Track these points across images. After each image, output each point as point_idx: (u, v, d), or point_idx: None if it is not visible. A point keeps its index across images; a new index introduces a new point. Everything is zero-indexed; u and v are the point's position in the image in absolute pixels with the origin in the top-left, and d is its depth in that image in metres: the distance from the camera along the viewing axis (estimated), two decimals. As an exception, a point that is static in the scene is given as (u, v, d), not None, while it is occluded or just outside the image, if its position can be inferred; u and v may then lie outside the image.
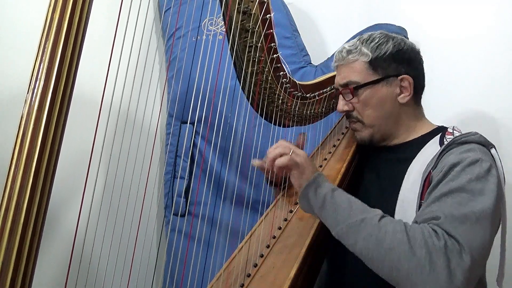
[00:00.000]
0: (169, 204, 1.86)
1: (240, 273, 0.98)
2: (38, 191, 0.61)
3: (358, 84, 1.09)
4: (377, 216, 0.86)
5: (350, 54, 1.11)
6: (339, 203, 0.91)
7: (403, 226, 0.84)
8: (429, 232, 0.81)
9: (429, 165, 0.97)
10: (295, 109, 1.20)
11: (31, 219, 0.61)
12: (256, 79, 1.05)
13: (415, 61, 1.12)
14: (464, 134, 0.99)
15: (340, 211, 0.90)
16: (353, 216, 0.87)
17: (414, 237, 0.81)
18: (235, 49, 0.99)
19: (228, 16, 0.95)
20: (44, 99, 0.60)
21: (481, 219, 0.81)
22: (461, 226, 0.80)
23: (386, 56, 1.08)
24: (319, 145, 1.35)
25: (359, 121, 1.13)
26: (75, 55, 0.61)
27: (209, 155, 1.80)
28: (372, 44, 1.09)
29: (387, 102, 1.10)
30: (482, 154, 0.92)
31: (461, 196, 0.85)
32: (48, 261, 1.46)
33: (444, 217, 0.82)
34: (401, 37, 1.13)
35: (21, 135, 0.60)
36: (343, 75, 1.13)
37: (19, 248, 0.60)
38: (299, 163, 0.98)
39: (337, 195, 0.93)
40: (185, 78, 1.76)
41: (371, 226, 0.85)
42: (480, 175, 0.87)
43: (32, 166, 0.60)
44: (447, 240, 0.79)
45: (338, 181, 1.12)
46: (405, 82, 1.09)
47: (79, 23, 0.61)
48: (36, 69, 0.60)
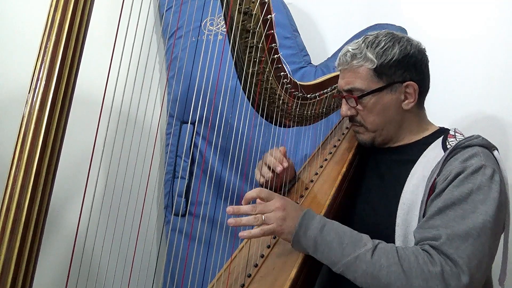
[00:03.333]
0: (169, 204, 1.85)
1: (241, 273, 0.98)
2: (39, 191, 0.61)
3: (362, 91, 1.08)
4: (369, 251, 0.86)
5: (354, 59, 1.08)
6: (330, 243, 0.89)
7: (397, 256, 0.85)
8: (423, 259, 0.83)
9: (434, 171, 0.97)
10: (295, 110, 1.20)
11: (32, 219, 0.61)
12: (257, 80, 1.05)
13: (421, 64, 1.09)
14: (467, 138, 1.00)
15: (333, 252, 0.88)
16: (346, 255, 0.87)
17: (409, 267, 0.82)
18: (236, 49, 0.99)
19: (229, 17, 0.95)
20: (45, 100, 0.60)
21: (483, 233, 0.84)
22: (463, 245, 0.82)
23: (392, 62, 1.06)
24: (320, 146, 1.35)
25: (362, 126, 1.13)
26: (76, 55, 0.62)
27: (209, 155, 1.80)
28: (378, 49, 1.06)
29: (391, 109, 1.09)
30: (485, 158, 0.93)
31: (463, 209, 0.87)
32: (49, 261, 1.47)
33: (446, 237, 0.84)
34: (407, 37, 1.10)
35: (22, 136, 0.60)
36: (347, 80, 1.10)
37: (20, 248, 0.60)
38: (275, 229, 0.92)
39: (326, 234, 0.90)
40: (186, 78, 1.76)
41: (365, 263, 0.85)
42: (482, 184, 0.89)
43: (33, 166, 0.60)
44: (443, 265, 0.81)
45: (338, 182, 1.12)
46: (410, 89, 1.07)
47: (81, 24, 0.61)
48: (37, 70, 0.60)
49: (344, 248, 0.87)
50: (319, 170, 1.22)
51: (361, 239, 0.89)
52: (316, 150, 1.32)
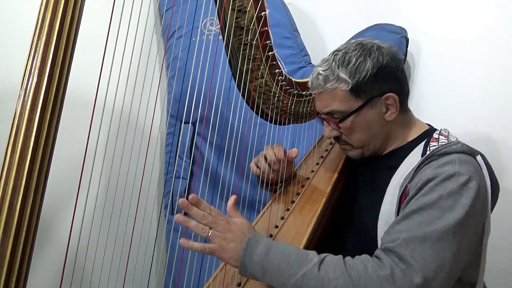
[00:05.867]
0: (169, 204, 1.85)
1: (237, 273, 0.97)
2: (32, 191, 0.61)
3: (342, 113, 1.04)
4: (315, 266, 0.83)
5: (328, 82, 1.03)
6: (277, 265, 0.85)
7: (344, 267, 0.82)
8: (372, 266, 0.81)
9: (406, 178, 0.95)
10: (291, 107, 1.19)
11: (25, 220, 0.61)
12: (251, 77, 1.05)
13: (397, 72, 1.05)
14: (445, 145, 0.97)
15: (280, 274, 0.84)
16: (293, 274, 0.83)
17: (358, 277, 0.80)
18: (230, 47, 0.99)
19: (222, 14, 0.95)
20: (37, 98, 0.60)
21: (444, 236, 0.81)
22: (419, 247, 0.80)
23: (367, 78, 1.01)
24: (316, 143, 1.34)
25: (348, 144, 1.10)
26: (67, 53, 0.61)
27: (210, 156, 1.80)
28: (350, 67, 1.01)
29: (374, 124, 1.05)
30: (461, 166, 0.90)
31: (429, 214, 0.84)
32: (43, 264, 1.46)
33: (403, 239, 0.82)
34: (377, 45, 1.05)
35: (13, 135, 0.60)
36: (325, 102, 1.06)
37: (12, 250, 0.60)
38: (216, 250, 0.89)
39: (272, 257, 0.86)
40: (186, 78, 1.76)
41: (312, 279, 0.82)
42: (452, 191, 0.86)
43: (25, 166, 0.60)
44: (393, 267, 0.79)
45: (330, 187, 1.13)
46: (390, 100, 1.03)
47: (71, 22, 0.61)
48: (28, 68, 0.60)
49: (291, 267, 0.84)
50: (315, 167, 1.22)
51: (307, 256, 0.86)
52: (312, 148, 1.32)
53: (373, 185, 1.09)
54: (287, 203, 1.15)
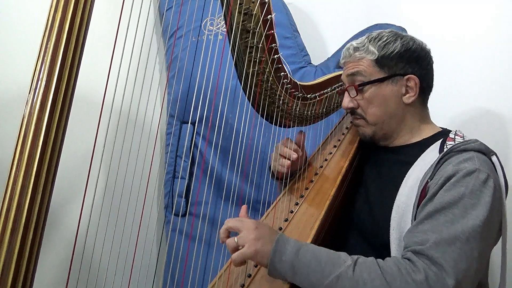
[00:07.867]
0: (169, 204, 1.85)
1: (241, 273, 0.98)
2: (40, 191, 0.61)
3: (363, 78, 1.09)
4: (350, 268, 0.83)
5: (357, 52, 1.11)
6: (308, 265, 0.85)
7: (379, 270, 0.82)
8: (406, 268, 0.81)
9: (427, 174, 0.96)
10: (295, 110, 1.20)
11: (33, 219, 0.61)
12: (257, 80, 1.05)
13: (423, 61, 1.10)
14: (463, 142, 0.98)
15: (312, 274, 0.84)
16: (327, 275, 0.83)
17: (393, 279, 0.81)
18: (236, 49, 0.99)
19: (229, 17, 0.95)
20: (46, 100, 0.60)
21: (472, 237, 0.82)
22: (449, 249, 0.81)
23: (393, 55, 1.08)
24: (320, 146, 1.35)
25: (363, 118, 1.13)
26: (76, 56, 0.62)
27: (209, 155, 1.80)
28: (380, 43, 1.09)
29: (391, 101, 1.09)
30: (480, 163, 0.92)
31: (453, 213, 0.85)
32: (50, 261, 1.47)
33: (433, 241, 0.83)
34: (411, 36, 1.12)
35: (22, 136, 0.60)
36: (350, 68, 1.13)
37: (20, 248, 0.60)
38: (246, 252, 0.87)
39: (302, 256, 0.86)
40: (186, 78, 1.76)
41: (347, 280, 0.82)
42: (474, 188, 0.87)
43: (34, 167, 0.61)
44: (427, 271, 0.80)
45: (339, 181, 1.13)
46: (411, 82, 1.08)
47: (81, 24, 0.62)
48: (37, 70, 0.60)
49: (323, 268, 0.84)
50: (319, 170, 1.23)
51: (339, 257, 0.86)
52: (317, 150, 1.32)
53: (386, 177, 1.10)
54: (297, 197, 1.16)
